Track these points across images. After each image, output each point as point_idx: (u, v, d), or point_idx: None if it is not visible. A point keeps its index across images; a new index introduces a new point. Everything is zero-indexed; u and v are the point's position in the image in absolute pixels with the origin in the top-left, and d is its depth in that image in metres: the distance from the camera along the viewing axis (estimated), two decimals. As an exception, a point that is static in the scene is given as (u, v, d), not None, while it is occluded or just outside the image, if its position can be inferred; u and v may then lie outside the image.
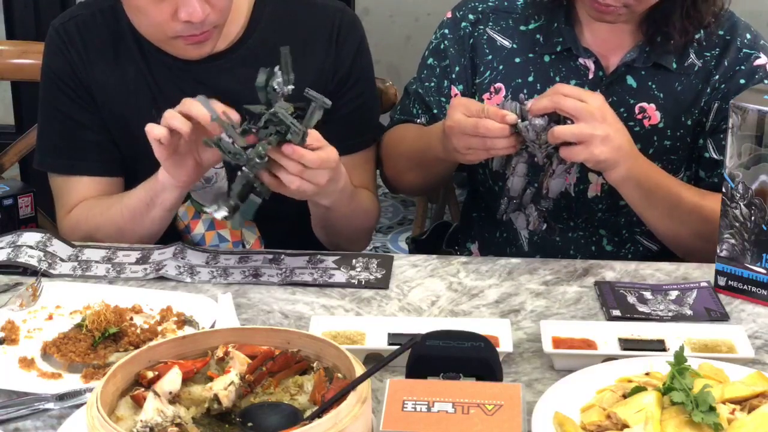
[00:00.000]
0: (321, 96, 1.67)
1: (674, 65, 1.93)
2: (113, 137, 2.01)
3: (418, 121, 2.06)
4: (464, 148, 1.79)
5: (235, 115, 1.72)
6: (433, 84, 2.04)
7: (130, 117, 1.98)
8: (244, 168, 1.70)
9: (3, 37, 3.79)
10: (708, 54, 1.95)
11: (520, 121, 1.75)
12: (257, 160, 1.68)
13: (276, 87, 1.68)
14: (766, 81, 1.93)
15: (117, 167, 2.02)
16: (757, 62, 1.94)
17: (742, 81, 1.93)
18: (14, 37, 3.66)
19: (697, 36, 1.94)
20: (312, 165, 1.69)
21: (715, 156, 1.94)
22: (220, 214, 1.72)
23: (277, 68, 1.69)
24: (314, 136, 1.71)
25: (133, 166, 2.03)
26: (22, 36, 3.60)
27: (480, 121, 1.75)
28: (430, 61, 2.06)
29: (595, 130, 1.72)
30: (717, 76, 1.94)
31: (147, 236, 1.94)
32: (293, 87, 1.69)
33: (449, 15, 2.06)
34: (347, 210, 1.92)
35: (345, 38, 1.99)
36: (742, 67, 1.94)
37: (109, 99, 1.98)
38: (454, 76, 2.02)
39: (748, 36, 1.96)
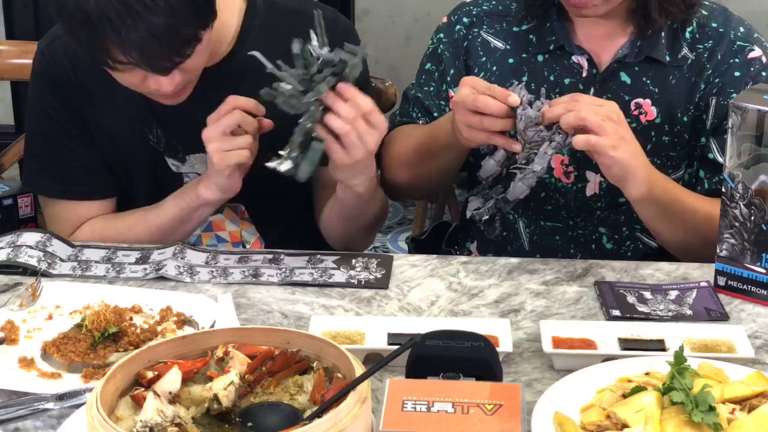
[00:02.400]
0: (351, 50, 1.70)
1: (667, 58, 1.93)
2: (106, 159, 1.99)
3: (420, 122, 2.06)
4: (464, 125, 1.78)
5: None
6: (432, 88, 2.05)
7: (122, 136, 1.97)
8: (300, 120, 1.71)
9: (3, 37, 3.79)
10: (701, 47, 1.94)
11: (520, 108, 1.74)
12: (312, 108, 1.70)
13: (312, 51, 1.71)
14: (764, 73, 1.93)
15: (110, 189, 2.02)
16: (752, 55, 1.94)
17: (737, 74, 1.93)
18: (14, 37, 3.67)
19: (689, 29, 1.94)
20: (365, 107, 1.71)
21: (719, 158, 1.93)
22: (285, 166, 1.72)
23: (311, 31, 1.71)
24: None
25: (127, 184, 2.02)
26: (22, 36, 3.60)
27: (480, 96, 1.75)
28: (428, 66, 2.06)
29: (610, 133, 1.72)
30: (710, 70, 1.94)
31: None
32: (329, 49, 1.71)
33: (444, 20, 2.07)
34: (372, 197, 1.93)
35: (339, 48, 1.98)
36: (736, 60, 1.93)
37: (100, 120, 1.96)
38: (449, 79, 2.02)
39: (742, 29, 1.96)
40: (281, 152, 1.73)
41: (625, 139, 1.74)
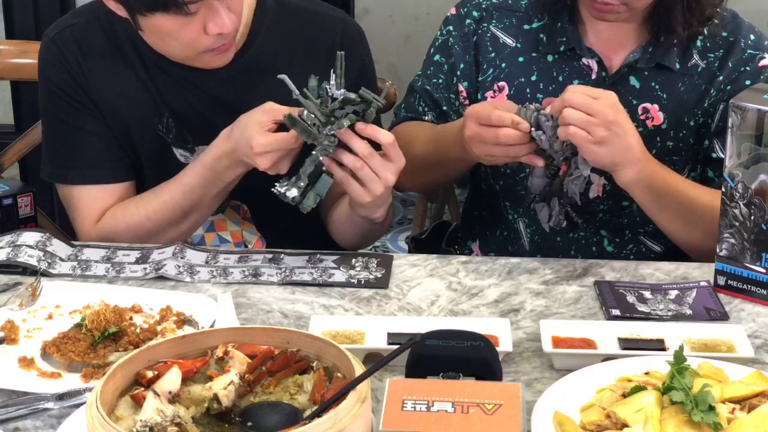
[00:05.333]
0: (374, 95, 1.72)
1: (677, 65, 1.93)
2: (120, 143, 2.00)
3: (426, 118, 2.05)
4: (486, 156, 1.79)
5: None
6: (441, 80, 2.04)
7: (132, 124, 1.98)
8: (314, 151, 1.74)
9: (3, 36, 3.79)
10: (711, 55, 1.94)
11: (533, 129, 1.75)
12: (327, 142, 1.72)
13: (328, 90, 1.74)
14: None
15: (129, 171, 2.01)
16: (762, 63, 1.94)
17: (747, 82, 1.93)
18: (14, 36, 3.66)
19: (700, 38, 1.94)
20: (385, 140, 1.73)
21: (722, 155, 1.93)
22: (292, 193, 1.75)
23: (331, 71, 1.74)
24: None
25: (138, 171, 2.02)
26: (22, 36, 3.60)
27: (500, 131, 1.74)
28: (437, 57, 2.05)
29: (597, 131, 1.71)
30: (721, 77, 1.94)
31: (201, 221, 1.97)
32: (344, 90, 1.73)
33: (453, 11, 2.05)
34: (387, 217, 1.93)
35: (349, 52, 1.98)
36: (747, 68, 1.94)
37: (111, 107, 1.97)
38: (459, 72, 2.01)
39: (752, 37, 1.96)
40: (282, 182, 1.76)
41: (616, 134, 1.72)
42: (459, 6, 2.05)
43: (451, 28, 2.04)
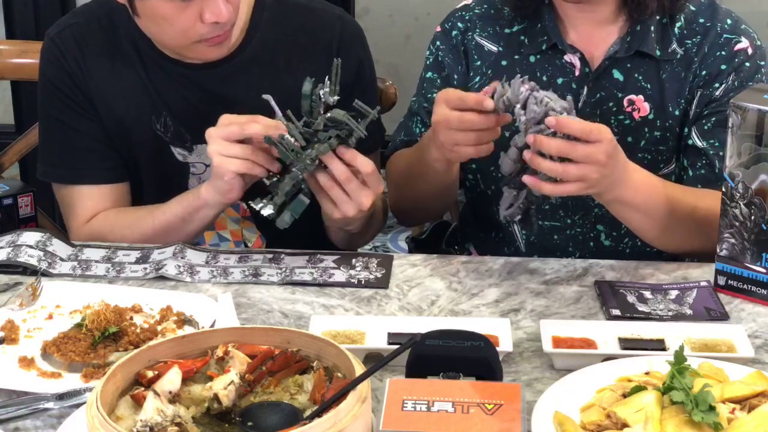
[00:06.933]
0: (368, 108, 1.72)
1: (657, 52, 1.94)
2: (114, 144, 2.01)
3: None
4: (450, 144, 1.75)
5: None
6: (434, 95, 2.03)
7: (130, 124, 1.99)
8: (294, 168, 1.74)
9: (3, 36, 3.79)
10: (689, 42, 1.95)
11: (517, 106, 1.68)
12: (308, 162, 1.72)
13: (321, 96, 1.73)
14: (747, 64, 1.93)
15: (122, 173, 2.03)
16: (738, 46, 1.94)
17: (723, 66, 1.93)
18: (14, 36, 3.66)
19: (678, 24, 1.95)
20: (364, 169, 1.73)
21: (698, 143, 1.93)
22: (267, 211, 1.76)
23: (326, 78, 1.73)
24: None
25: (135, 172, 2.03)
26: (22, 36, 3.60)
27: (465, 114, 1.72)
28: (429, 75, 2.06)
29: (590, 179, 1.68)
30: (698, 63, 1.94)
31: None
32: (338, 98, 1.73)
33: (438, 29, 2.07)
34: (367, 225, 1.95)
35: (347, 50, 1.98)
36: (723, 52, 1.94)
37: (109, 106, 1.98)
38: (455, 83, 2.02)
39: (729, 21, 1.97)
40: (257, 199, 1.76)
41: (606, 177, 1.69)
42: (443, 23, 2.07)
43: (438, 43, 2.05)
